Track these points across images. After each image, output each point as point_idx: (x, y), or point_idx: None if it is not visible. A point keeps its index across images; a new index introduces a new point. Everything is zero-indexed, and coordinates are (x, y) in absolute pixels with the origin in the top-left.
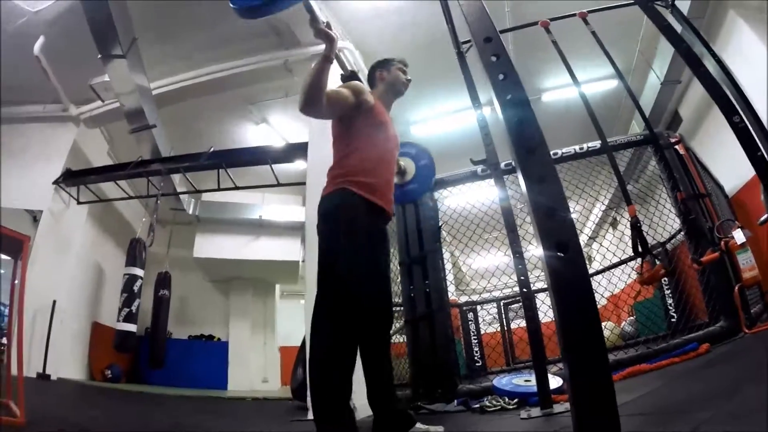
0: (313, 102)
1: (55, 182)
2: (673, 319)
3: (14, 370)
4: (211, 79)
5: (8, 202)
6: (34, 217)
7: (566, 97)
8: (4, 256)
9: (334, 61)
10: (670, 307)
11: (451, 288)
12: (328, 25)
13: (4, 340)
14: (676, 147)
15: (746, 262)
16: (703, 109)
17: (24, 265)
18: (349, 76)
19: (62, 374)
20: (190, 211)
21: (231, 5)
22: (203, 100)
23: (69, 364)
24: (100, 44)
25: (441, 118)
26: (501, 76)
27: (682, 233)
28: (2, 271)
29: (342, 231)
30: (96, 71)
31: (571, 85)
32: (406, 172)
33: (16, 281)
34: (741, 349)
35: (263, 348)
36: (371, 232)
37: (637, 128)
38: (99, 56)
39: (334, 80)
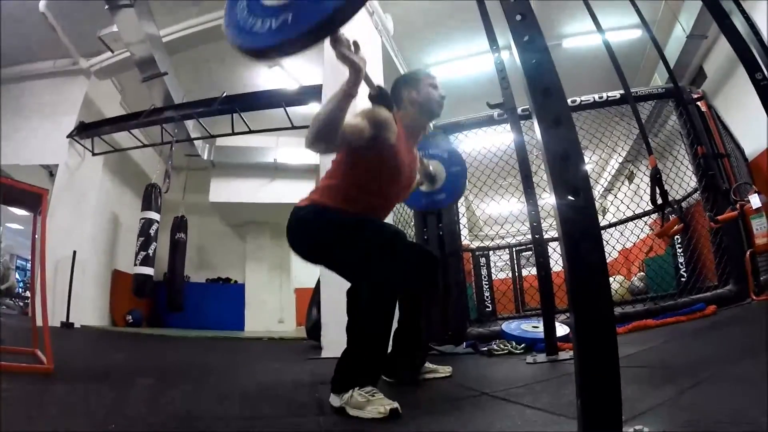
0: (326, 142)
1: (69, 135)
2: (682, 279)
3: (39, 321)
4: (221, 23)
5: (24, 158)
6: (50, 171)
7: (587, 44)
8: (23, 211)
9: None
10: (681, 266)
11: (464, 232)
12: (356, 46)
13: (27, 293)
14: (698, 103)
15: (760, 227)
16: (729, 67)
17: (44, 219)
18: (376, 96)
19: (85, 322)
20: (205, 157)
21: (234, 44)
22: (214, 45)
23: (91, 311)
24: None
25: (458, 61)
26: (518, 17)
27: (698, 192)
28: (20, 227)
29: (335, 221)
30: (104, 22)
31: (593, 32)
32: (435, 178)
33: (37, 235)
34: (747, 314)
35: (279, 290)
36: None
37: (659, 81)
38: (106, 7)
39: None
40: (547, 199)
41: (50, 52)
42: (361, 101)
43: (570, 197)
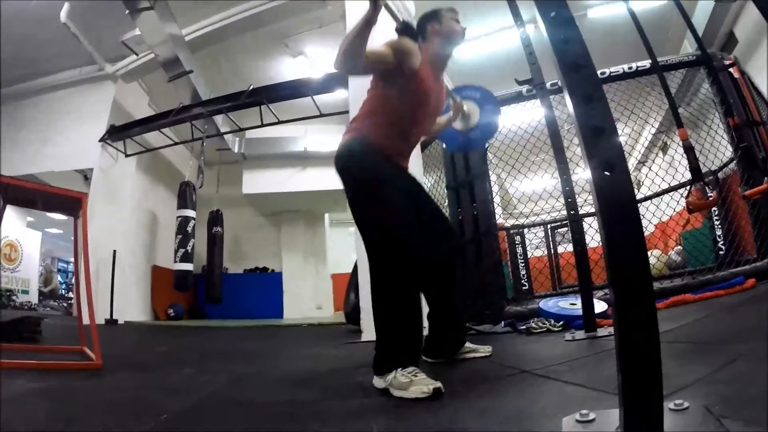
0: (350, 64)
1: (101, 140)
2: (721, 252)
3: (84, 320)
4: (243, 18)
5: (59, 165)
6: (85, 176)
7: (613, 13)
8: (62, 216)
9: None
10: (719, 239)
11: (498, 211)
12: None
13: (70, 294)
14: (731, 70)
15: None
16: (761, 31)
17: (84, 221)
18: (402, 29)
19: (128, 318)
20: (236, 150)
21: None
22: (237, 39)
23: (134, 307)
24: None
25: (484, 38)
26: None
27: (734, 162)
28: (59, 231)
29: (365, 165)
30: (126, 27)
31: (618, 0)
32: (469, 117)
33: (79, 237)
34: None
35: (315, 276)
36: (395, 167)
37: (689, 49)
38: (127, 11)
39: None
40: (581, 174)
41: (75, 60)
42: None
43: (606, 172)
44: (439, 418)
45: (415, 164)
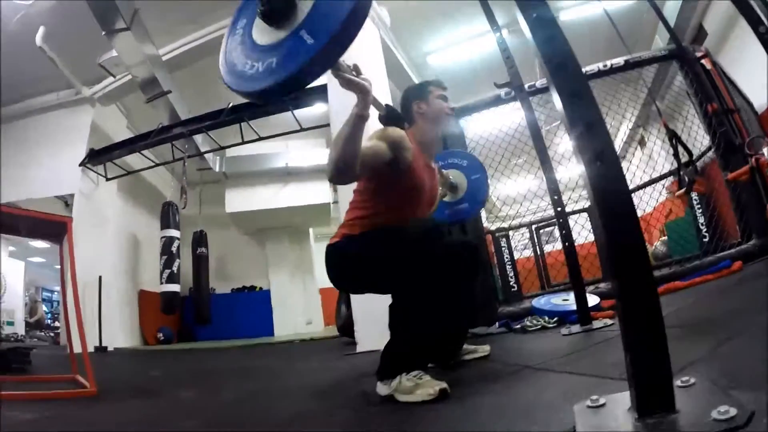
0: (348, 171)
1: (81, 164)
2: (705, 239)
3: (75, 348)
4: (219, 36)
5: (38, 191)
6: (66, 202)
7: (584, 15)
8: (45, 244)
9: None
10: (702, 227)
11: (483, 215)
12: (356, 69)
13: (57, 323)
14: (702, 61)
15: None
16: (729, 23)
17: (71, 246)
18: (387, 116)
19: (117, 344)
20: (217, 169)
21: (234, 89)
22: (215, 58)
23: (122, 333)
24: (102, 21)
25: (459, 45)
26: None
27: (712, 150)
28: (42, 260)
29: (360, 252)
30: (103, 48)
31: (589, 1)
32: (457, 188)
33: (65, 264)
34: None
35: (304, 292)
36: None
37: (660, 44)
38: (103, 33)
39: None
40: (562, 173)
41: (52, 84)
42: (372, 124)
43: (598, 162)
44: (450, 417)
45: None
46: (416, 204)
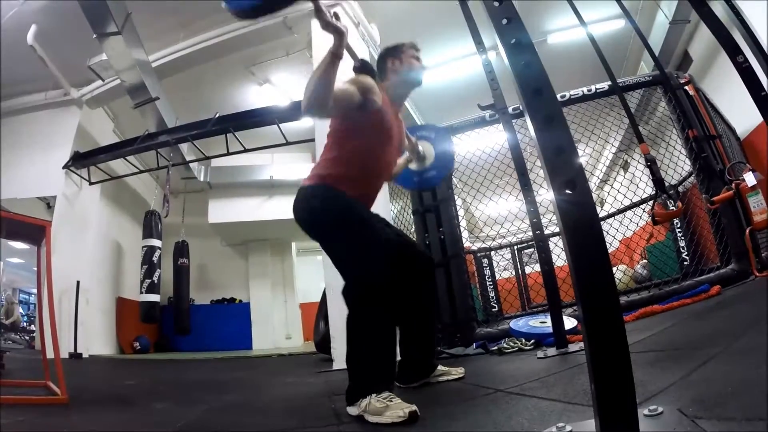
0: (320, 105)
1: (65, 166)
2: (685, 262)
3: (48, 353)
4: (209, 45)
5: (20, 191)
6: (48, 203)
7: (572, 39)
8: (24, 245)
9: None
10: (683, 250)
11: (464, 234)
12: (336, 16)
13: (32, 327)
14: (686, 87)
15: (757, 204)
16: (714, 49)
17: (48, 250)
18: (360, 67)
19: (93, 351)
20: (201, 179)
21: (226, 6)
22: (204, 67)
23: (98, 341)
24: (94, 23)
25: (446, 65)
26: (505, 21)
27: (693, 175)
28: (21, 261)
29: (337, 212)
30: (93, 51)
31: (577, 26)
32: (425, 157)
33: (42, 267)
34: (751, 291)
35: (284, 306)
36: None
37: (646, 69)
38: (94, 36)
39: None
40: (545, 195)
41: (41, 84)
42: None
43: (567, 191)
44: None
45: (381, 192)
46: (385, 146)
